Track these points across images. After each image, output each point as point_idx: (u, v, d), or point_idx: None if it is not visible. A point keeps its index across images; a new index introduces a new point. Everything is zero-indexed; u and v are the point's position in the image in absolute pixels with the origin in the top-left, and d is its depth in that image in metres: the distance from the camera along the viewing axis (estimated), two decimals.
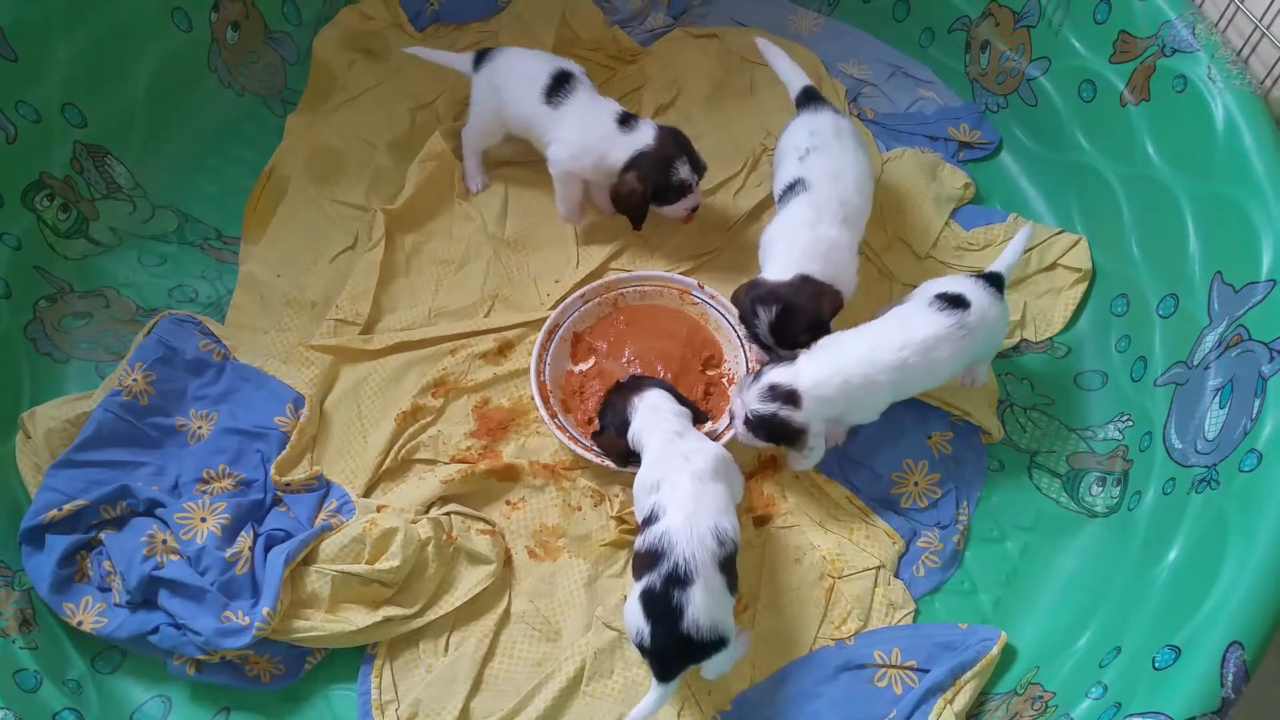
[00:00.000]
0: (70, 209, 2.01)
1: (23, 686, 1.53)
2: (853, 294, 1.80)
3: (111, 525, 1.72)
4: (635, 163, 1.89)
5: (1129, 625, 1.56)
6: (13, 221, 1.91)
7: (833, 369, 1.64)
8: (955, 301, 1.68)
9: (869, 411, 1.71)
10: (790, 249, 1.75)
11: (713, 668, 1.54)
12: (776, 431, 1.65)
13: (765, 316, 1.72)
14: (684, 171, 1.89)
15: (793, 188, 1.82)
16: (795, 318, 1.71)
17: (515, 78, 1.99)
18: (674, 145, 1.89)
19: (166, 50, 2.11)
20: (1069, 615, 1.71)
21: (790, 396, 1.63)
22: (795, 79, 1.99)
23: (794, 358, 1.68)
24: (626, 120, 1.91)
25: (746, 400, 1.66)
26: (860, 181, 1.83)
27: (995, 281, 1.74)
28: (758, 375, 1.66)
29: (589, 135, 1.92)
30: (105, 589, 1.68)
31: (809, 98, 1.94)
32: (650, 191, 1.90)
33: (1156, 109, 1.85)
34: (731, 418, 1.72)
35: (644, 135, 1.90)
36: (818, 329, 1.72)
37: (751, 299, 1.74)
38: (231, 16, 2.19)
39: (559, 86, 1.94)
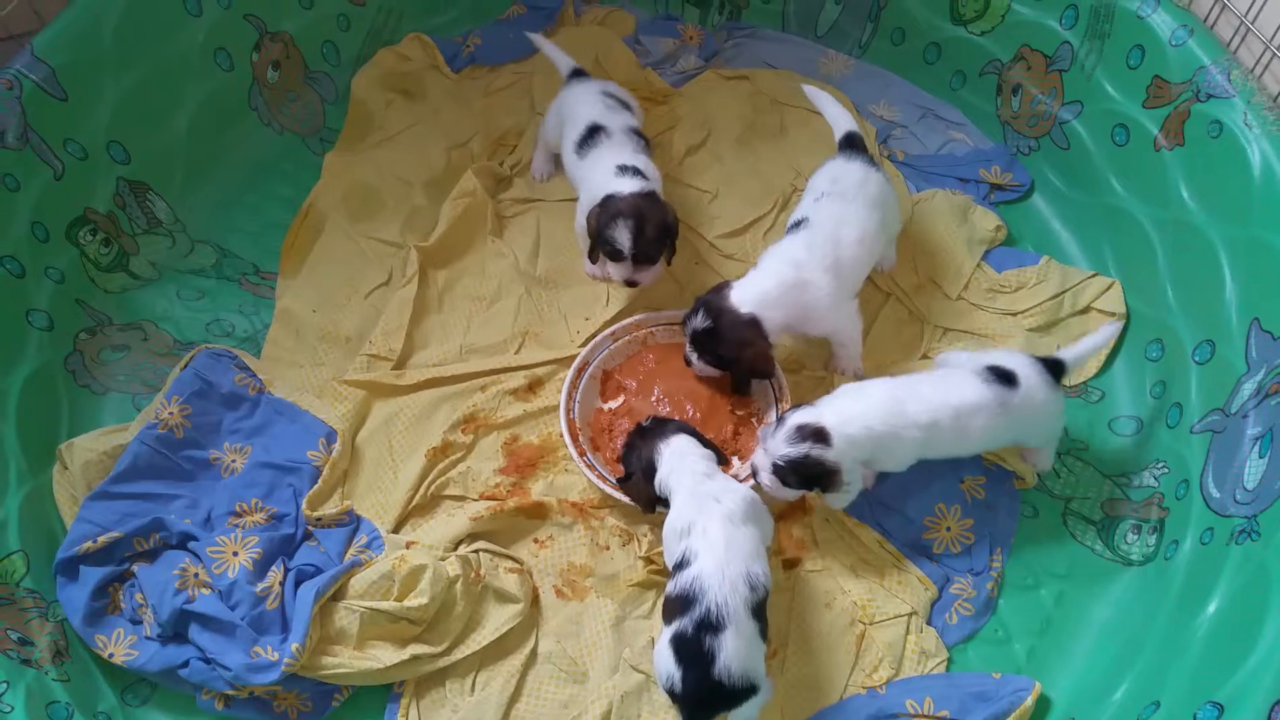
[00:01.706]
0: (112, 243, 2.06)
1: (55, 718, 1.54)
2: (858, 337, 1.87)
3: (144, 558, 1.73)
4: (600, 202, 1.88)
5: (1168, 679, 1.53)
6: (57, 255, 1.96)
7: (858, 411, 1.63)
8: (1004, 377, 1.67)
9: (895, 461, 1.70)
10: (769, 274, 1.78)
11: (741, 715, 1.52)
12: (810, 473, 1.62)
13: (698, 321, 1.78)
14: (620, 238, 1.83)
15: (799, 224, 1.84)
16: (715, 341, 1.77)
17: (570, 118, 2.02)
18: (629, 212, 1.83)
19: (209, 89, 2.16)
20: (1105, 666, 1.68)
21: (819, 434, 1.61)
22: (840, 123, 1.99)
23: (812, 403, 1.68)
24: (624, 171, 1.89)
25: (773, 448, 1.63)
26: (864, 236, 1.83)
27: (1055, 368, 1.72)
28: (780, 423, 1.65)
29: (594, 187, 1.91)
30: (137, 621, 1.69)
31: (848, 144, 1.94)
32: (594, 234, 1.89)
33: (1191, 154, 1.84)
34: (755, 473, 1.68)
35: (625, 186, 1.87)
36: (725, 364, 1.81)
37: (704, 300, 1.79)
38: (272, 56, 2.24)
39: (589, 138, 1.97)
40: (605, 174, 1.90)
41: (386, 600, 1.68)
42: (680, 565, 1.50)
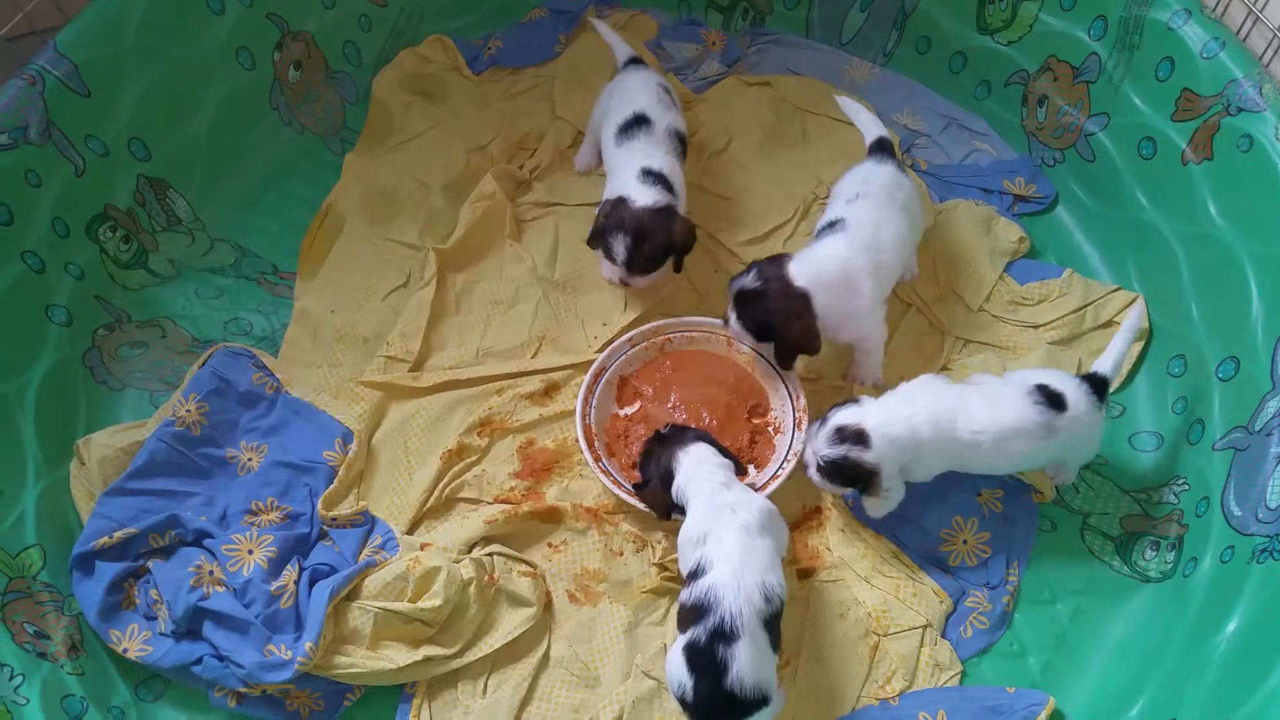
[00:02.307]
0: (131, 240, 2.06)
1: (69, 712, 1.55)
2: (882, 345, 1.85)
3: (160, 554, 1.74)
4: (614, 201, 1.88)
5: (1185, 697, 1.52)
6: (77, 251, 1.96)
7: (901, 415, 1.63)
8: (1053, 400, 1.65)
9: (927, 471, 1.69)
10: (814, 263, 1.76)
11: None
12: (849, 475, 1.63)
13: (747, 280, 1.76)
14: (616, 249, 1.85)
15: (833, 225, 1.83)
16: (759, 308, 1.75)
17: (620, 103, 2.02)
18: (631, 225, 1.84)
19: (230, 88, 2.16)
20: (1120, 682, 1.67)
21: (859, 436, 1.61)
22: (871, 129, 1.99)
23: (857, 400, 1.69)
24: (647, 177, 1.89)
25: (816, 448, 1.65)
26: (898, 241, 1.82)
27: (1099, 386, 1.70)
28: (824, 420, 1.66)
29: (618, 184, 1.92)
30: (151, 617, 1.69)
31: (879, 148, 1.94)
32: (597, 229, 1.90)
33: (1220, 168, 1.82)
34: (805, 468, 1.70)
35: (642, 196, 1.87)
36: (765, 333, 1.77)
37: (758, 265, 1.78)
38: (294, 56, 2.25)
39: (631, 127, 1.97)
40: (629, 174, 1.91)
41: (400, 601, 1.67)
42: (695, 574, 1.50)
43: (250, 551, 1.72)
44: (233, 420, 1.89)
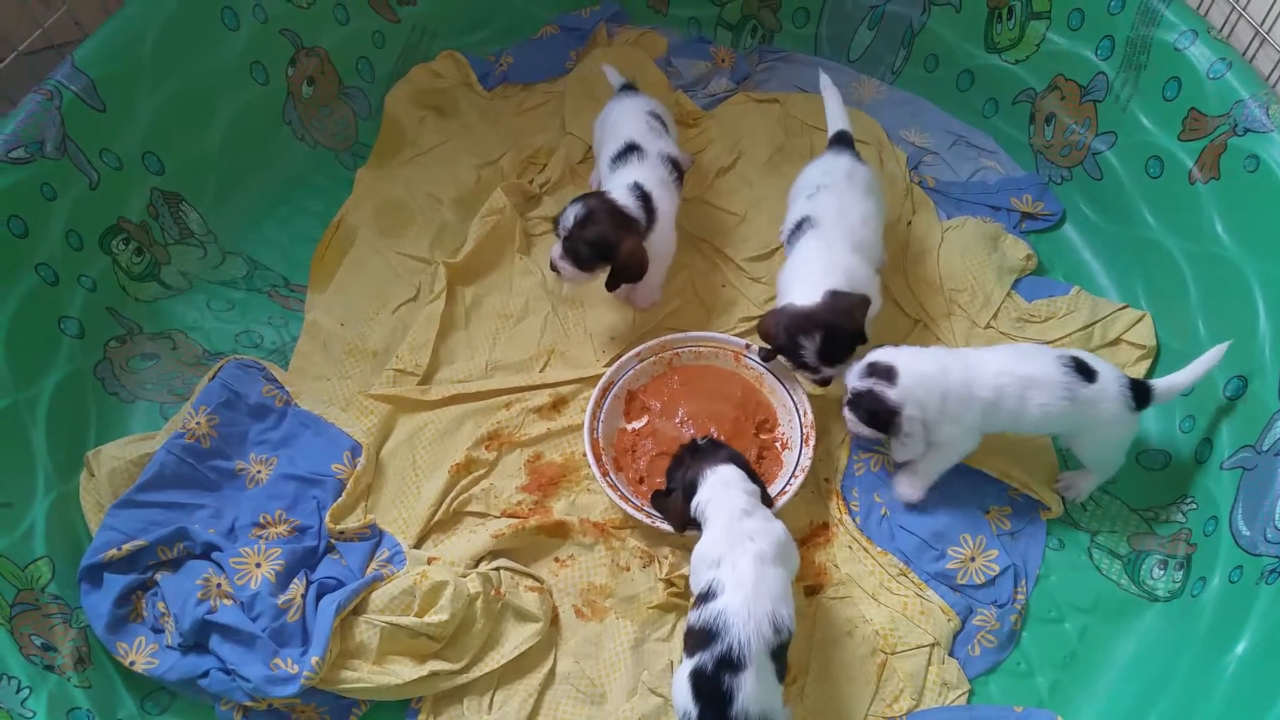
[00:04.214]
0: (144, 253, 2.08)
1: None
2: (875, 310, 1.85)
3: (168, 567, 1.74)
4: (588, 199, 1.90)
5: (1194, 718, 1.51)
6: (90, 263, 1.98)
7: (934, 358, 1.67)
8: (1083, 369, 1.68)
9: (957, 428, 1.70)
10: (811, 275, 1.77)
11: None
12: (871, 408, 1.66)
13: (810, 345, 1.74)
14: (565, 216, 1.87)
15: (800, 226, 1.85)
16: (839, 336, 1.74)
17: (612, 132, 2.04)
18: (590, 206, 1.85)
19: (243, 102, 2.18)
20: (1128, 702, 1.66)
21: (887, 372, 1.65)
22: (836, 121, 2.02)
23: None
24: (633, 191, 1.90)
25: (848, 381, 1.69)
26: (866, 218, 1.87)
27: (1139, 390, 1.71)
28: (861, 359, 1.71)
29: (612, 185, 1.94)
30: (158, 630, 1.69)
31: (839, 140, 1.98)
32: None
33: (1227, 188, 1.83)
34: (844, 406, 1.74)
35: (618, 195, 1.89)
36: (859, 339, 1.76)
37: (788, 330, 1.76)
38: (308, 71, 2.27)
39: (623, 155, 1.98)
40: (618, 185, 1.93)
41: (407, 615, 1.67)
42: (705, 597, 1.49)
43: (258, 565, 1.72)
44: (242, 433, 1.90)
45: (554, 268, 1.91)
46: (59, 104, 1.87)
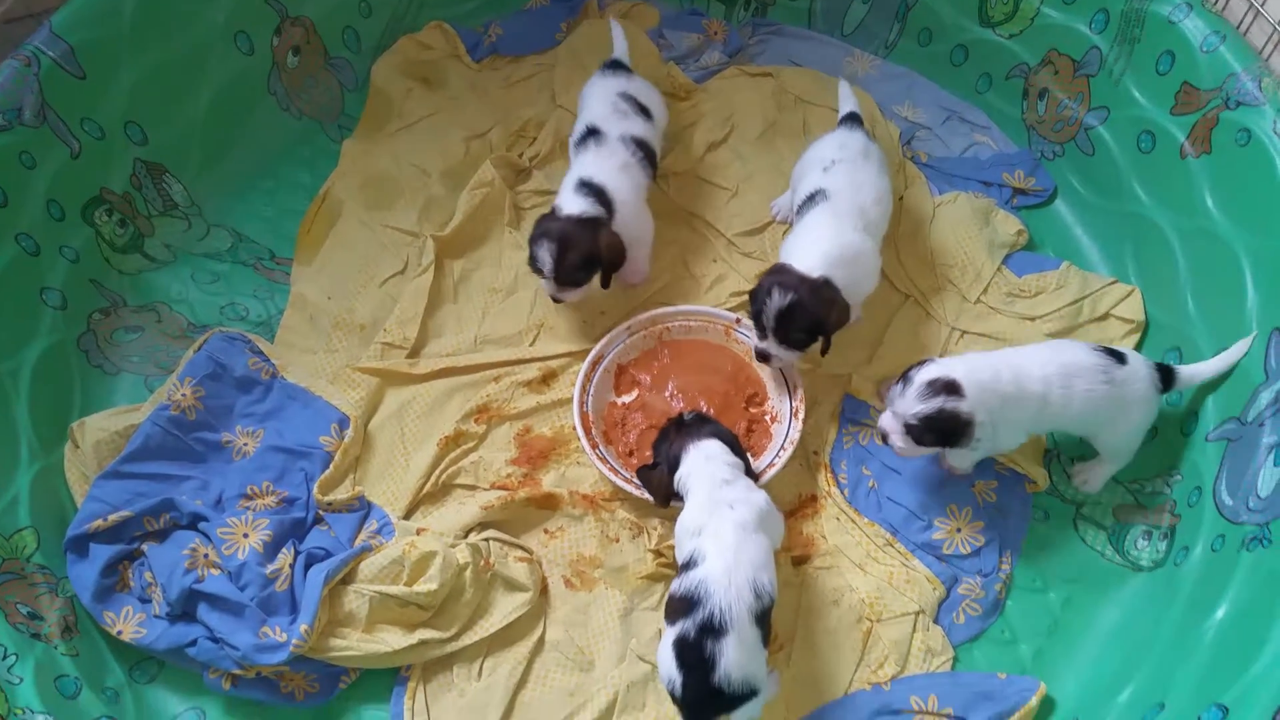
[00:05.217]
0: (127, 224, 2.06)
1: (63, 692, 1.55)
2: (872, 291, 1.87)
3: (154, 537, 1.74)
4: (542, 215, 1.90)
5: (1174, 682, 1.54)
6: (72, 235, 1.96)
7: (985, 364, 1.64)
8: (1114, 354, 1.69)
9: (1010, 429, 1.69)
10: (814, 250, 1.76)
11: (744, 714, 1.51)
12: (946, 427, 1.60)
13: (777, 300, 1.72)
14: (542, 260, 1.84)
15: (813, 198, 1.85)
16: (801, 313, 1.72)
17: (580, 112, 2.02)
18: (555, 235, 1.83)
19: (228, 72, 2.15)
20: (1111, 669, 1.68)
21: (951, 387, 1.60)
22: (847, 104, 2.06)
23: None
24: (582, 189, 1.88)
25: (903, 409, 1.62)
26: (879, 197, 1.87)
27: (1165, 373, 1.73)
28: (905, 381, 1.63)
29: (559, 196, 1.92)
30: (146, 600, 1.69)
31: (851, 119, 2.00)
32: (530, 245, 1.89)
33: (1218, 162, 1.83)
34: (886, 436, 1.67)
35: (572, 206, 1.86)
36: (816, 333, 1.74)
37: (772, 280, 1.75)
38: (293, 41, 2.23)
39: (584, 139, 1.97)
40: (568, 186, 1.90)
41: (396, 585, 1.68)
42: (688, 565, 1.50)
43: (245, 535, 1.72)
44: (228, 405, 1.89)
45: (557, 300, 1.91)
46: (37, 70, 1.84)
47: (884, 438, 1.67)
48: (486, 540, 1.77)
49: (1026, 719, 1.61)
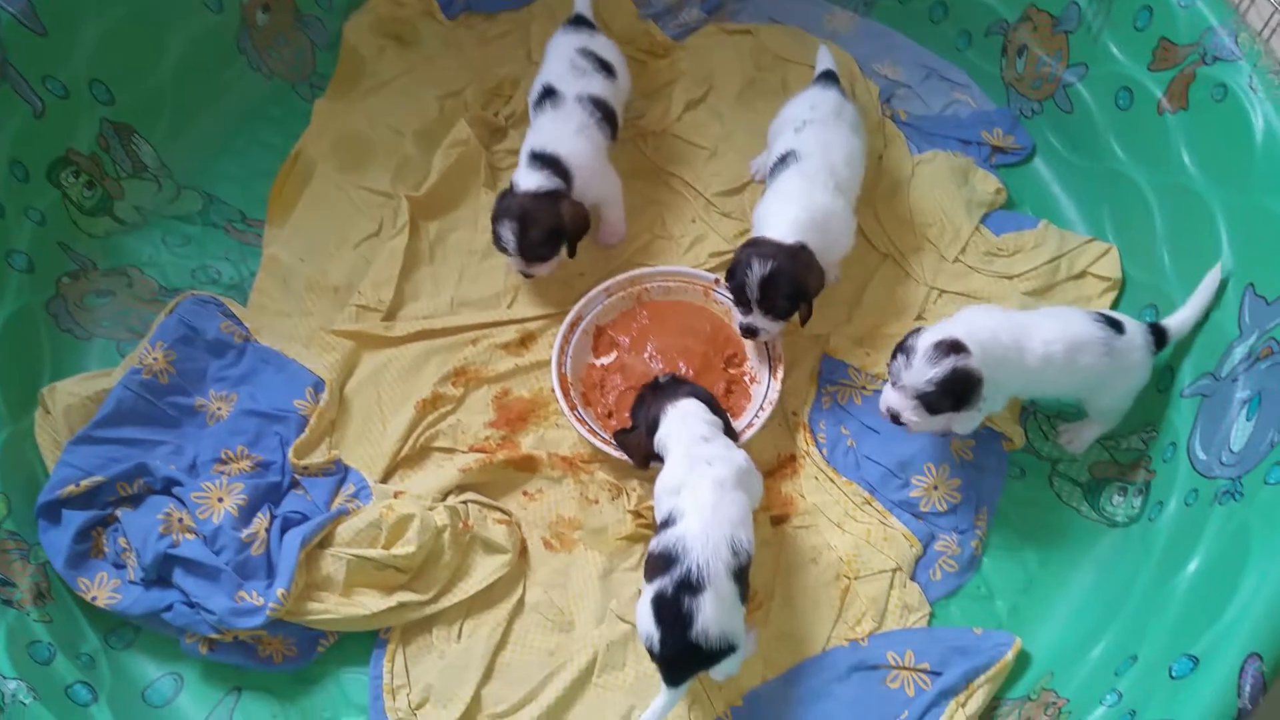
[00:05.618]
0: (95, 186, 2.02)
1: (36, 658, 1.53)
2: (849, 251, 1.88)
3: (128, 503, 1.72)
4: (500, 194, 1.88)
5: (1146, 634, 1.55)
6: (38, 196, 1.92)
7: (982, 324, 1.60)
8: (1112, 322, 1.69)
9: (1005, 391, 1.67)
10: (786, 216, 1.76)
11: (722, 670, 1.52)
12: (960, 387, 1.55)
13: (758, 270, 1.71)
14: (505, 238, 1.82)
15: (784, 160, 1.84)
16: (782, 280, 1.71)
17: (540, 70, 1.98)
18: (516, 212, 1.81)
19: (196, 31, 2.11)
20: (1086, 623, 1.69)
21: (957, 346, 1.56)
22: (824, 62, 2.05)
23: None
24: (535, 162, 1.85)
25: (913, 379, 1.56)
26: (850, 157, 1.87)
27: (1158, 333, 1.73)
28: (906, 353, 1.58)
29: (520, 162, 1.89)
30: (120, 565, 1.68)
31: (826, 77, 1.99)
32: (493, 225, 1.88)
33: (1194, 118, 1.82)
34: (895, 416, 1.61)
35: (527, 181, 1.84)
36: (799, 299, 1.75)
37: (749, 252, 1.74)
38: None
39: (541, 100, 1.93)
40: (523, 157, 1.87)
41: (374, 548, 1.67)
42: (666, 523, 1.50)
43: (220, 499, 1.70)
44: (201, 369, 1.87)
45: (527, 275, 1.89)
46: None
47: (894, 418, 1.62)
48: (465, 503, 1.76)
49: (1002, 673, 1.63)
